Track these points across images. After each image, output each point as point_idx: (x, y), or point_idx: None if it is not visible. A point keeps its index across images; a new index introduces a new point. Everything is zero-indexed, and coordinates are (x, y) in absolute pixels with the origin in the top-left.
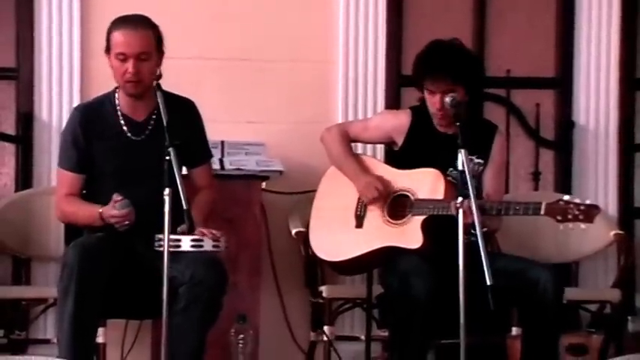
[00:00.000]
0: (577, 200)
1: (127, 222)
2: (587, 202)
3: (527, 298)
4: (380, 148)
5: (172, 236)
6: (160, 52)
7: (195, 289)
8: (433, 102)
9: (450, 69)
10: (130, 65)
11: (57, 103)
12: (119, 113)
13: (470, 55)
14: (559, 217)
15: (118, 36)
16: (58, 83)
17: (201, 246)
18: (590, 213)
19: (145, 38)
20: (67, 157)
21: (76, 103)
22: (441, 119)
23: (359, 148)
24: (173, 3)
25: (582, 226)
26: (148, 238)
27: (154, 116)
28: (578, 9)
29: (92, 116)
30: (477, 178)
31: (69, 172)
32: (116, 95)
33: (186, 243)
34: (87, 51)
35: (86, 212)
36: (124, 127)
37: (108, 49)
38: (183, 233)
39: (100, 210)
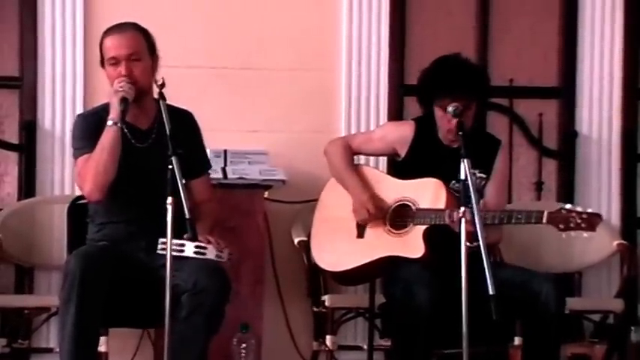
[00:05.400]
0: (579, 209)
1: (120, 85)
2: (589, 210)
3: (529, 309)
4: (383, 159)
5: (176, 241)
6: (153, 56)
7: (198, 297)
8: (447, 120)
9: (466, 87)
10: (122, 68)
11: (60, 112)
12: None
13: (479, 70)
14: (561, 226)
15: (107, 42)
16: (61, 92)
17: (204, 253)
18: (592, 221)
19: (132, 39)
20: (82, 146)
21: (79, 111)
22: (455, 136)
23: (362, 159)
24: (175, 12)
25: (585, 234)
26: (150, 246)
27: (156, 123)
28: (581, 18)
29: (95, 123)
30: (479, 192)
31: (87, 154)
32: None
33: (189, 249)
34: (90, 60)
35: (99, 142)
36: (128, 135)
37: (102, 62)
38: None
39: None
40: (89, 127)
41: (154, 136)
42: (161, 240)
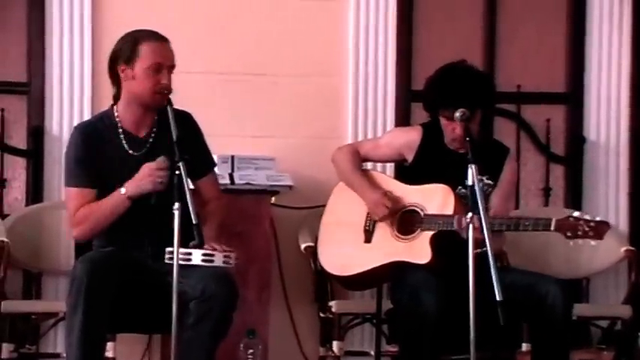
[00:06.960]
0: (587, 217)
1: (161, 175)
2: (598, 218)
3: (537, 311)
4: (390, 165)
5: (183, 250)
6: None
7: (206, 304)
8: (452, 129)
9: (471, 97)
10: (163, 76)
11: (67, 117)
12: (120, 130)
13: (484, 78)
14: (569, 234)
15: (150, 47)
16: (68, 97)
17: (211, 261)
18: (600, 230)
19: (172, 52)
20: (74, 175)
21: (86, 117)
22: (461, 143)
23: (369, 165)
24: (184, 18)
25: (592, 242)
26: (157, 252)
27: (154, 130)
28: (589, 24)
29: (92, 134)
30: (486, 198)
31: (78, 188)
32: (115, 112)
33: (196, 257)
34: (98, 65)
35: (108, 201)
36: (124, 143)
37: (130, 61)
38: (195, 247)
39: (124, 186)
40: (84, 143)
41: (150, 142)
42: (168, 249)
